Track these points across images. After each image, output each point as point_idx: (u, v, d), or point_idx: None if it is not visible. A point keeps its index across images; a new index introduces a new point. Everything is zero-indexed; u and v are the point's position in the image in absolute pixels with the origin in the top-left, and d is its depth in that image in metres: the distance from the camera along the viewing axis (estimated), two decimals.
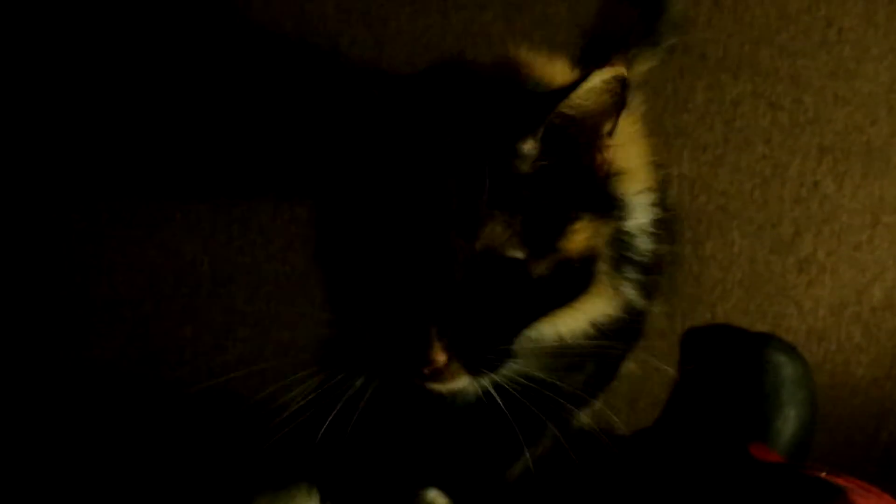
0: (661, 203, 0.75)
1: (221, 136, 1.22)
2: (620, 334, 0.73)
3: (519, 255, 0.62)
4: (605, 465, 0.82)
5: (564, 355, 0.70)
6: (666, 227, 0.75)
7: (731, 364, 0.91)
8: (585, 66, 0.80)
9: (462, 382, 0.65)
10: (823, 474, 0.76)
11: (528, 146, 0.63)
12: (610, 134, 0.65)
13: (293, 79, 1.21)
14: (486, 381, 0.66)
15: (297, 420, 0.70)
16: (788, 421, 0.88)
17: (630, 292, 0.72)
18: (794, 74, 1.22)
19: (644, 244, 0.72)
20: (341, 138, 0.67)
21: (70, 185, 1.21)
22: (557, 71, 0.75)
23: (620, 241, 0.70)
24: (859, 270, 1.16)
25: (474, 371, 0.64)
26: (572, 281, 0.66)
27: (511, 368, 0.67)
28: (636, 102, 0.89)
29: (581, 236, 0.65)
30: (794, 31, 1.24)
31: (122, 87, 1.24)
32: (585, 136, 0.64)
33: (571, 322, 0.69)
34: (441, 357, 0.62)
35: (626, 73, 0.62)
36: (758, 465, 0.81)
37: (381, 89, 0.66)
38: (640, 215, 0.71)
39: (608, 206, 0.67)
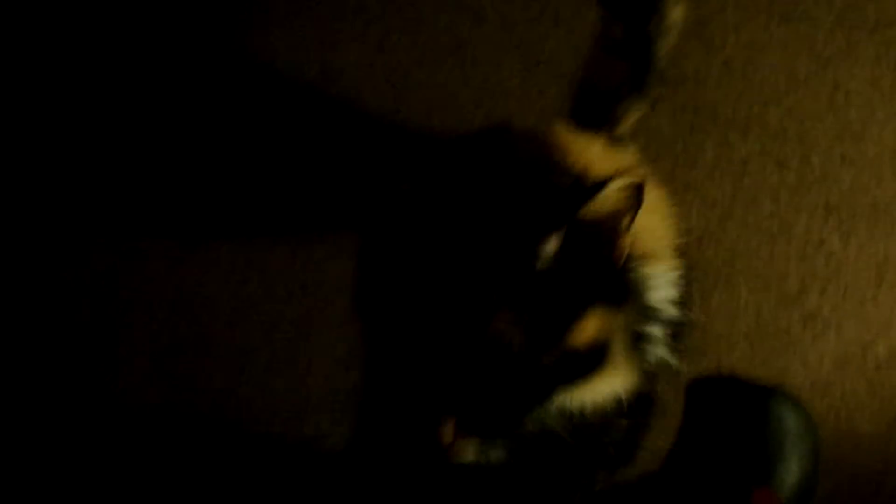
0: (685, 277, 0.78)
1: (241, 177, 1.25)
2: (636, 408, 0.76)
3: (525, 349, 0.66)
4: None
5: (579, 427, 0.73)
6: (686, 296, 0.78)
7: (735, 414, 0.92)
8: (578, 122, 0.84)
9: (471, 455, 0.69)
10: None
11: (547, 248, 0.66)
12: (627, 228, 0.68)
13: (319, 128, 1.25)
14: (499, 449, 0.70)
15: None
16: (791, 472, 0.89)
17: (649, 364, 0.75)
18: (801, 135, 1.25)
19: (669, 315, 0.75)
20: (376, 202, 0.72)
21: (94, 221, 1.25)
22: (594, 156, 0.79)
23: (642, 317, 0.73)
24: (864, 327, 1.17)
25: (484, 444, 0.69)
26: (582, 366, 0.69)
27: (523, 437, 0.71)
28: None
29: (590, 331, 0.68)
30: (802, 94, 1.27)
31: (149, 127, 1.27)
32: (603, 232, 0.68)
33: (585, 395, 0.72)
34: (449, 437, 0.67)
35: (643, 180, 0.66)
36: None
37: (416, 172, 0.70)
38: (664, 291, 0.75)
39: (622, 295, 0.71)
